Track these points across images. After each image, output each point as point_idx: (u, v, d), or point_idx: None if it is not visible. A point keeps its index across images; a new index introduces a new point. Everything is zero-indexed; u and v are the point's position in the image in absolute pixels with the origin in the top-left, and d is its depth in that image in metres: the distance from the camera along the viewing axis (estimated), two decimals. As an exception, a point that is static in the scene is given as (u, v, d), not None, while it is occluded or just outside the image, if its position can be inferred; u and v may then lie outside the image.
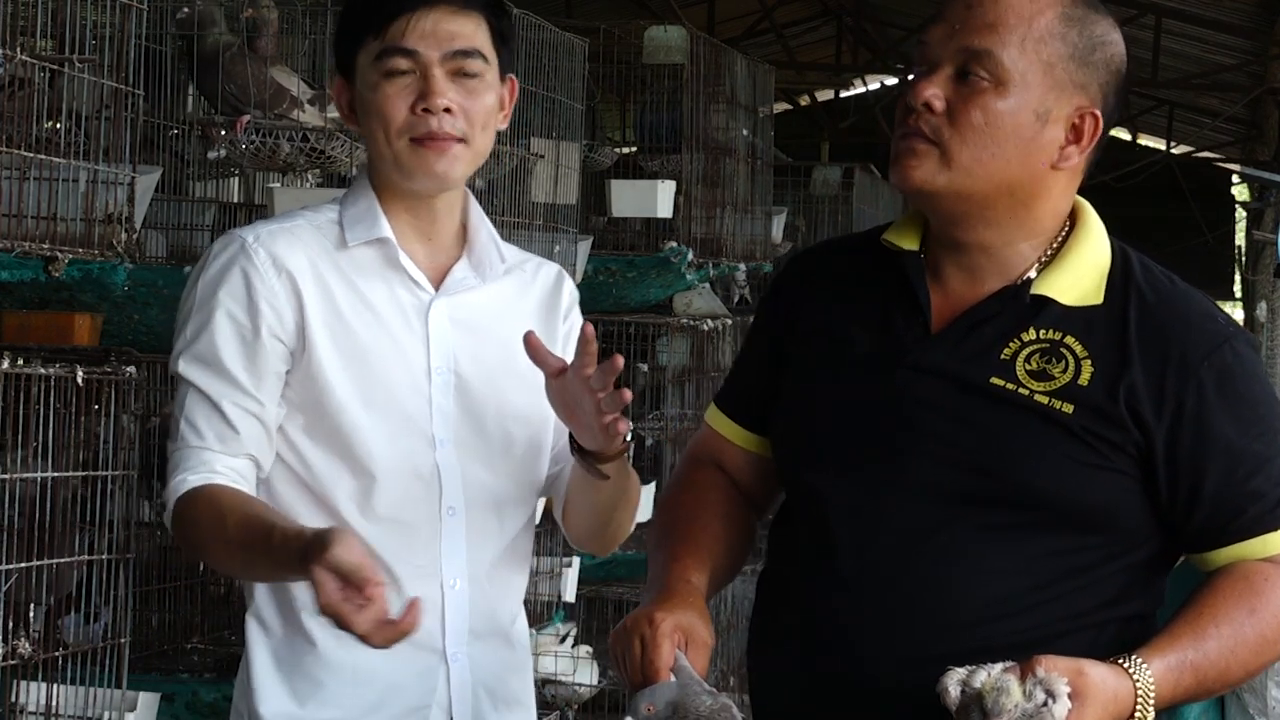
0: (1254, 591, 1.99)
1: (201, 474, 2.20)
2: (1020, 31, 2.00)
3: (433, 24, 2.22)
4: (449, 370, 2.28)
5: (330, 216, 2.31)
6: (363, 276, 2.27)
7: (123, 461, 3.03)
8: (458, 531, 2.27)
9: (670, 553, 2.19)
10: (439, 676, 2.27)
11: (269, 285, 2.22)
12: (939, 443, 2.01)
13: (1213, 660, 1.96)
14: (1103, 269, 2.07)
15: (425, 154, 2.21)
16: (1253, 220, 13.64)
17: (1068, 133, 2.03)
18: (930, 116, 2.02)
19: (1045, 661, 1.84)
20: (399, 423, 2.24)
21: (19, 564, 2.85)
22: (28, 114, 2.91)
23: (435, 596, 2.25)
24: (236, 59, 3.84)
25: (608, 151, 5.79)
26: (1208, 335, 2.03)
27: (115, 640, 3.02)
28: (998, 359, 2.02)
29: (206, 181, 4.49)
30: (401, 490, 2.23)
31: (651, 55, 5.63)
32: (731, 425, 2.28)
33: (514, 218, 4.45)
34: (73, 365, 2.88)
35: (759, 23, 11.92)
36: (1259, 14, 10.45)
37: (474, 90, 2.24)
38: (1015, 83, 2.00)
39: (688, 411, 5.76)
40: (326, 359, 2.23)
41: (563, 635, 5.08)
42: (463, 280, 2.31)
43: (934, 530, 2.01)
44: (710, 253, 5.79)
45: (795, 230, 7.96)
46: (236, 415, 2.21)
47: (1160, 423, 1.99)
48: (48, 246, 2.84)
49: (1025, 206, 2.05)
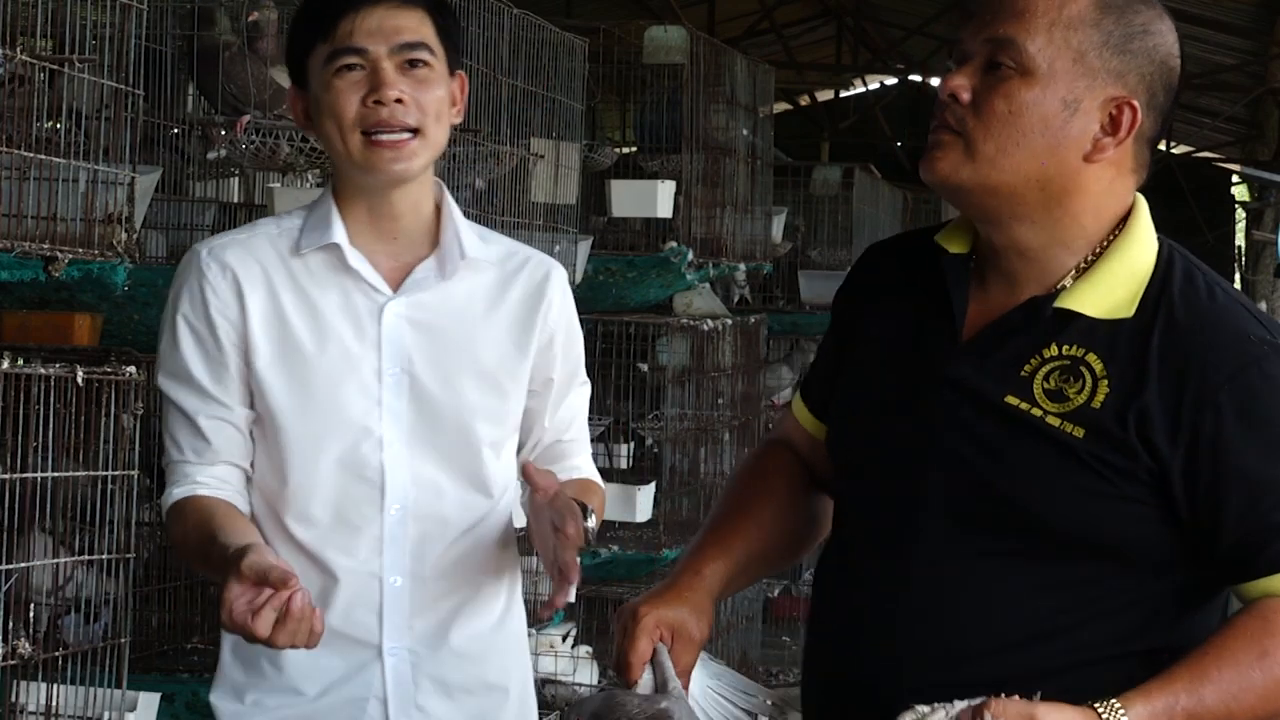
0: (1268, 632, 1.84)
1: (184, 487, 2.30)
2: (1049, 17, 1.91)
3: (377, 20, 2.27)
4: (401, 371, 2.32)
5: (295, 223, 2.37)
6: (315, 282, 2.33)
7: (123, 461, 3.03)
8: (400, 531, 2.32)
9: (699, 540, 2.14)
10: (374, 671, 2.32)
11: (220, 296, 2.31)
12: (954, 460, 1.93)
13: (1210, 707, 1.81)
14: (1141, 279, 1.94)
15: (381, 152, 2.26)
16: (1253, 220, 13.64)
17: (1103, 124, 1.93)
18: (956, 107, 1.93)
19: (995, 705, 1.75)
20: (341, 426, 2.30)
21: (19, 564, 2.85)
22: (28, 114, 2.91)
23: (374, 594, 2.32)
24: (236, 59, 3.84)
25: (608, 151, 5.78)
26: (1232, 355, 1.88)
27: (115, 640, 3.02)
28: (1017, 375, 1.93)
29: (206, 181, 4.49)
30: (340, 492, 2.30)
31: (651, 55, 5.63)
32: (802, 407, 2.21)
33: (514, 218, 4.45)
34: (73, 365, 2.88)
35: (759, 23, 11.92)
36: (1259, 14, 10.45)
37: (424, 80, 2.28)
38: (1042, 71, 1.90)
39: (688, 411, 5.76)
40: (265, 367, 2.30)
41: (563, 635, 5.08)
42: (423, 280, 2.34)
43: (944, 554, 1.94)
44: (710, 253, 5.79)
45: (795, 230, 7.95)
46: (209, 426, 2.31)
47: (1176, 449, 1.86)
48: (48, 246, 2.84)
49: (1059, 204, 1.94)
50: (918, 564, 1.95)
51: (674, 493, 5.69)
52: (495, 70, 4.33)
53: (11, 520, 2.81)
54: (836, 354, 2.15)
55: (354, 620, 2.30)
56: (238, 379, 2.30)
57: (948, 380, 1.96)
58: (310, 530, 2.31)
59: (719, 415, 5.94)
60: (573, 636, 5.16)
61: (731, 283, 7.21)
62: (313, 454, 2.30)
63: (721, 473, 5.93)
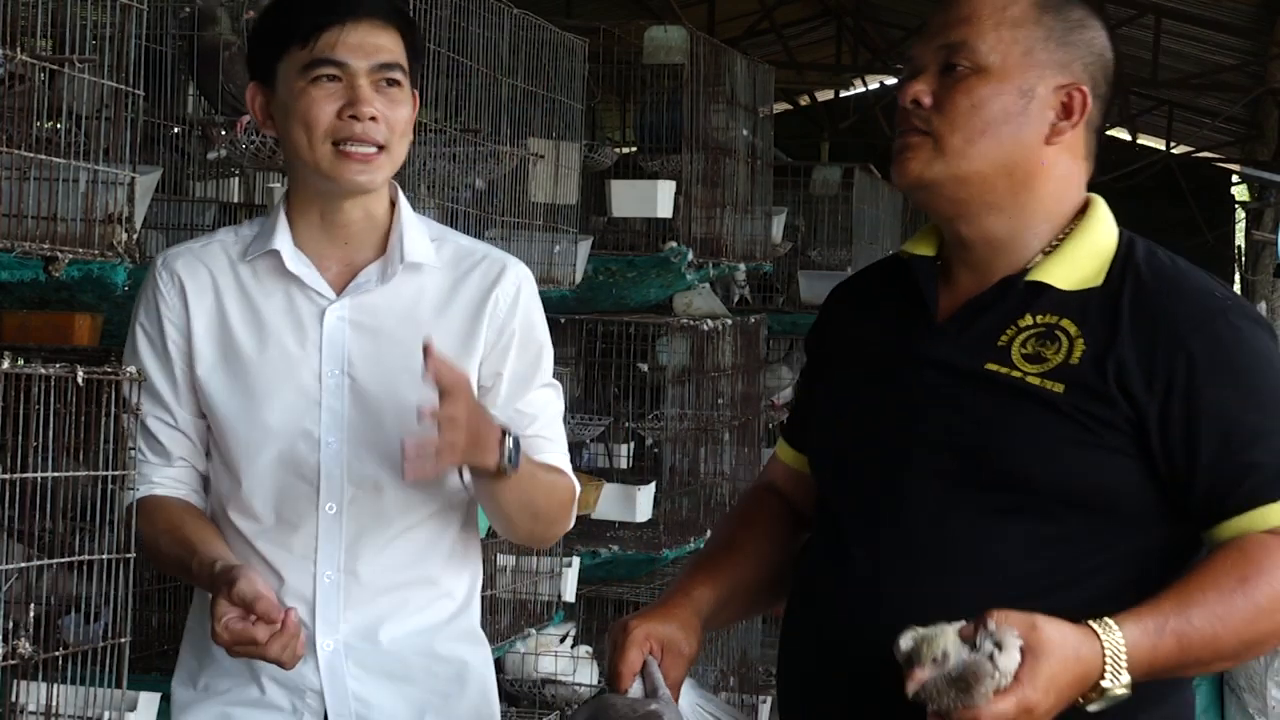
0: (1247, 560, 1.94)
1: (145, 486, 2.44)
2: (995, 19, 2.06)
3: (359, 37, 2.31)
4: (341, 373, 2.37)
5: (250, 230, 2.45)
6: (259, 288, 2.40)
7: (123, 461, 3.02)
8: (334, 528, 2.39)
9: (688, 570, 2.27)
10: (309, 666, 2.39)
11: (169, 303, 2.42)
12: (940, 431, 2.04)
13: (1198, 627, 1.90)
14: (1106, 254, 2.09)
15: (349, 164, 2.32)
16: (1253, 220, 13.64)
17: (1057, 110, 2.07)
18: (920, 110, 2.07)
19: (997, 615, 1.84)
20: (279, 428, 2.38)
21: (19, 564, 2.85)
22: (28, 114, 2.91)
23: (308, 588, 2.40)
24: (236, 59, 3.84)
25: (608, 151, 5.78)
26: (1200, 308, 2.02)
27: (115, 640, 3.01)
28: (995, 345, 2.05)
29: (206, 181, 4.49)
30: (278, 490, 2.39)
31: (651, 55, 5.63)
32: (785, 447, 2.35)
33: (514, 218, 4.45)
34: (73, 365, 2.87)
35: (759, 23, 11.91)
36: (1259, 14, 10.44)
37: (395, 100, 2.34)
38: (996, 66, 2.05)
39: (687, 411, 5.75)
40: (207, 372, 2.40)
41: (563, 635, 5.08)
42: (365, 283, 2.39)
43: (939, 519, 2.02)
44: (710, 253, 5.78)
45: (795, 230, 7.95)
46: (159, 429, 2.44)
47: (1152, 397, 1.98)
48: (48, 246, 2.83)
49: (1025, 188, 2.08)
50: (908, 532, 2.04)
51: (674, 493, 5.69)
52: (495, 70, 4.33)
53: (12, 520, 2.81)
54: (812, 388, 2.28)
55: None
56: (184, 385, 2.42)
57: (927, 360, 2.07)
58: (253, 525, 2.40)
59: (719, 415, 5.94)
60: (572, 636, 5.15)
61: (731, 283, 7.21)
62: (254, 454, 2.38)
63: (721, 472, 5.94)
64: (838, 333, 2.25)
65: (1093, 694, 1.87)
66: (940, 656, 1.82)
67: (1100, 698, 1.88)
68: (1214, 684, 6.07)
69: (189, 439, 2.45)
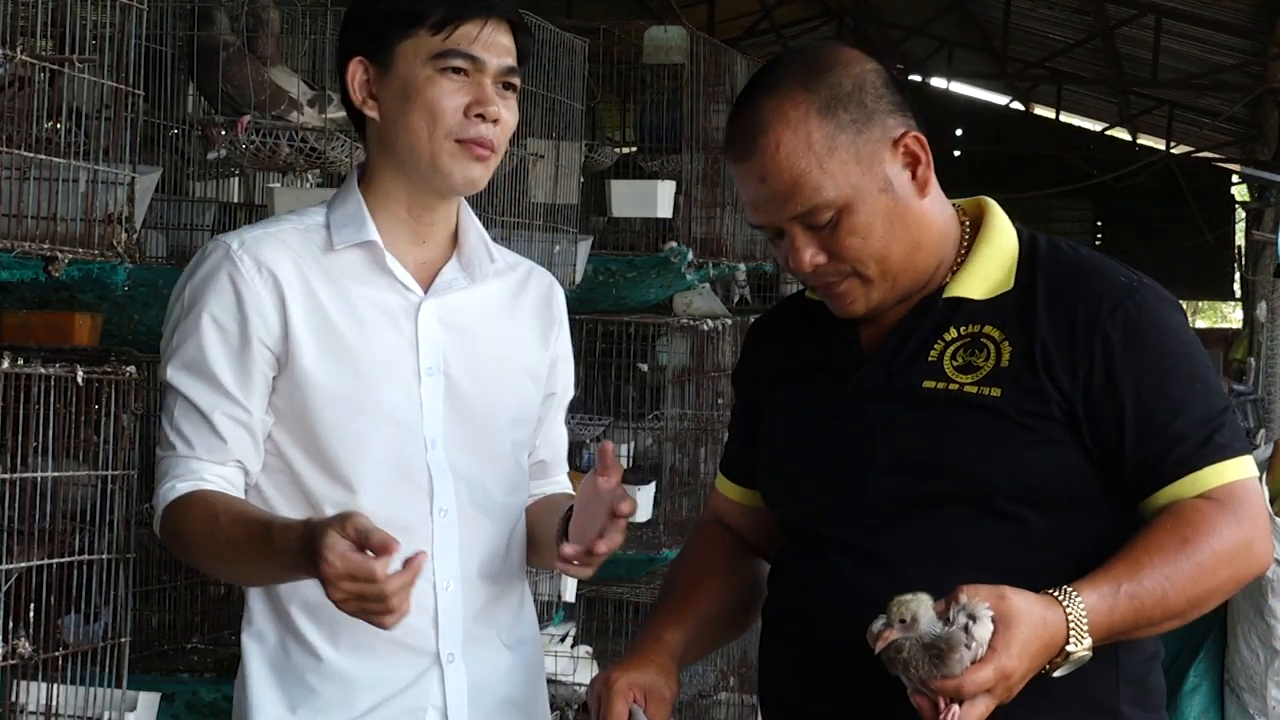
0: (1185, 523, 2.02)
1: (190, 481, 2.22)
2: (809, 162, 2.07)
3: (494, 35, 2.27)
4: (439, 372, 2.29)
5: (318, 220, 2.32)
6: (349, 280, 2.28)
7: (123, 461, 3.03)
8: (450, 533, 2.28)
9: (654, 613, 2.30)
10: (433, 679, 2.27)
11: (254, 291, 2.23)
12: (890, 454, 2.09)
13: (1148, 588, 1.98)
14: (1011, 257, 2.15)
15: (470, 163, 2.26)
16: (1253, 220, 13.65)
17: (908, 165, 2.11)
18: (825, 267, 2.11)
19: (968, 589, 1.90)
20: (388, 427, 2.25)
21: (19, 564, 2.85)
22: (28, 114, 2.91)
23: (429, 599, 2.26)
24: (236, 59, 3.84)
25: (608, 151, 5.78)
26: (1110, 292, 2.09)
27: (115, 640, 3.02)
28: (926, 362, 2.11)
29: (206, 181, 4.49)
30: (390, 494, 2.24)
31: (651, 55, 5.62)
32: (727, 483, 2.39)
33: (514, 218, 4.45)
34: (73, 365, 2.88)
35: (759, 23, 11.93)
36: (1259, 14, 10.45)
37: (511, 104, 2.31)
38: (849, 194, 2.08)
39: (688, 411, 5.76)
40: (311, 365, 2.23)
41: (563, 635, 5.08)
42: (452, 281, 2.33)
43: (910, 540, 2.07)
44: (710, 253, 5.78)
45: (795, 230, 7.95)
46: (224, 424, 2.23)
47: (1076, 382, 2.05)
48: (48, 246, 2.83)
49: (925, 235, 2.14)
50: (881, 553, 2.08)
51: (674, 493, 5.69)
52: (495, 70, 4.33)
53: (12, 520, 2.81)
54: (747, 421, 2.33)
55: (408, 627, 2.14)
56: (260, 380, 2.23)
57: (866, 389, 2.13)
58: None
59: (719, 415, 5.94)
60: (572, 636, 5.16)
61: (731, 283, 7.21)
62: (362, 452, 2.23)
63: (721, 473, 5.93)
64: (769, 370, 2.29)
65: (1058, 658, 1.94)
66: (910, 619, 1.89)
67: (1065, 661, 1.95)
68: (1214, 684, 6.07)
69: (254, 437, 2.24)
